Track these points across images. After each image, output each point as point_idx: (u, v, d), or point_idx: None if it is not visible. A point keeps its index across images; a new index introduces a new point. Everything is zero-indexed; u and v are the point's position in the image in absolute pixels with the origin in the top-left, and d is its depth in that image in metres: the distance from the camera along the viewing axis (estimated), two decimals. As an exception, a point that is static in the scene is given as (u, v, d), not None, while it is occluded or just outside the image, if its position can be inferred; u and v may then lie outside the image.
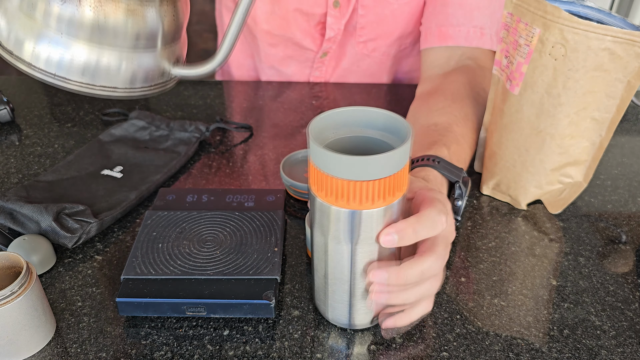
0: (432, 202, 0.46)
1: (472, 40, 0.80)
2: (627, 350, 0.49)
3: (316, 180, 0.43)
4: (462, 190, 0.58)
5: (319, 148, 0.41)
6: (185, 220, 0.59)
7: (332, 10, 0.86)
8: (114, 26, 0.41)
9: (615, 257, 0.60)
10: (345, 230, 0.44)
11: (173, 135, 0.78)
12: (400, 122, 0.44)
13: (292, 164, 0.69)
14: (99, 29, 0.41)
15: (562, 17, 0.54)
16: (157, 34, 0.44)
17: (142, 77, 0.45)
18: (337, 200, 0.43)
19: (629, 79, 0.56)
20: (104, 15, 0.41)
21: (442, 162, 0.59)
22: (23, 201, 0.60)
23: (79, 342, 0.49)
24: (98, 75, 0.42)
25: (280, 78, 0.98)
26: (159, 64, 0.45)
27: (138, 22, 0.42)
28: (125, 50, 0.43)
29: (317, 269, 0.49)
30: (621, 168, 0.75)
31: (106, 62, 0.42)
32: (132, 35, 0.42)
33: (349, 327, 0.51)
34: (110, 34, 0.42)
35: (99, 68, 0.42)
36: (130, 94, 0.45)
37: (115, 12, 0.41)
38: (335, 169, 0.41)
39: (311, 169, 0.44)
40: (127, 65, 0.43)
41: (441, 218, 0.45)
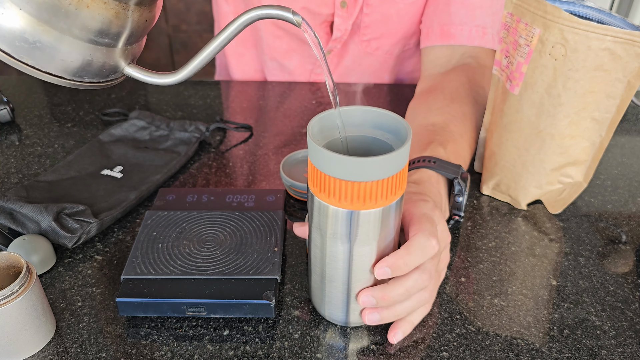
0: (419, 224, 0.47)
1: (474, 39, 0.80)
2: (627, 350, 0.49)
3: (315, 179, 0.43)
4: (461, 186, 0.58)
5: (318, 148, 0.41)
6: (185, 220, 0.59)
7: (340, 10, 0.86)
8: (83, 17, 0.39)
9: (615, 257, 0.60)
10: (343, 230, 0.44)
11: (173, 135, 0.77)
12: (399, 122, 0.44)
13: (292, 164, 0.69)
14: (65, 16, 0.38)
15: (562, 17, 0.54)
16: (124, 33, 0.42)
17: (93, 72, 0.42)
18: (336, 200, 0.43)
19: (629, 79, 0.56)
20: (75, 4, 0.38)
21: (438, 161, 0.59)
22: (23, 201, 0.60)
23: (79, 342, 0.49)
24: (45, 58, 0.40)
25: (282, 71, 0.98)
26: (116, 62, 0.43)
27: (110, 19, 0.40)
28: (85, 42, 0.40)
29: (314, 267, 0.49)
30: (621, 168, 0.75)
31: (60, 48, 0.40)
32: (97, 30, 0.40)
33: (346, 324, 0.51)
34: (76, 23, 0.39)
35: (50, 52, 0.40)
36: (75, 84, 0.42)
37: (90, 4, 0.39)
38: (335, 170, 0.41)
39: (310, 168, 0.44)
40: (81, 57, 0.41)
41: (431, 243, 0.46)
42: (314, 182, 0.44)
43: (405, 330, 0.49)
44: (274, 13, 0.41)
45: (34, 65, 0.40)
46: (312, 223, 0.47)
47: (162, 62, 2.25)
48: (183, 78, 0.44)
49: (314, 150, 0.42)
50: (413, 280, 0.46)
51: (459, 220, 0.61)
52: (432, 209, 0.49)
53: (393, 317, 0.48)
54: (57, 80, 0.41)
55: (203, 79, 0.98)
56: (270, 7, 0.41)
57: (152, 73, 0.45)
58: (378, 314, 0.47)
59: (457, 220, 0.61)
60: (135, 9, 0.41)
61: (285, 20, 0.41)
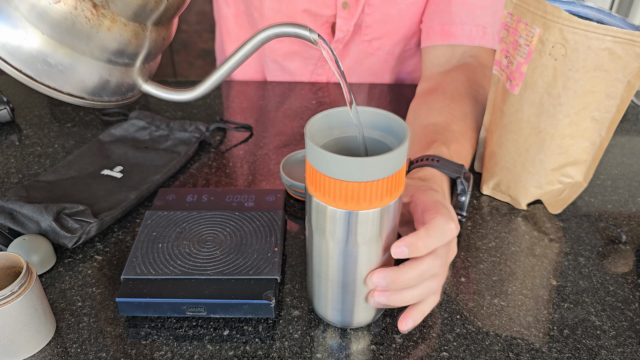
0: (436, 208, 0.47)
1: (474, 39, 0.80)
2: (627, 350, 0.49)
3: (313, 180, 0.43)
4: (464, 185, 0.58)
5: (315, 148, 0.41)
6: (185, 220, 0.59)
7: (342, 11, 0.86)
8: (103, 38, 0.40)
9: (615, 257, 0.60)
10: (341, 230, 0.44)
11: (173, 135, 0.77)
12: (397, 122, 0.44)
13: (292, 164, 0.69)
14: (87, 38, 0.39)
15: (562, 17, 0.54)
16: (141, 53, 0.43)
17: (112, 91, 0.43)
18: (334, 201, 0.43)
19: (629, 79, 0.56)
20: (97, 27, 0.39)
21: (442, 160, 0.59)
22: (23, 201, 0.60)
23: (79, 342, 0.49)
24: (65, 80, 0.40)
25: (283, 73, 0.98)
26: (134, 80, 0.44)
27: (129, 39, 0.41)
28: (104, 62, 0.41)
29: (314, 268, 0.49)
30: (621, 168, 0.75)
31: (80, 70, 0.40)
32: (117, 51, 0.41)
33: (345, 325, 0.51)
34: (97, 45, 0.40)
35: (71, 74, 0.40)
36: (94, 104, 0.43)
37: (110, 26, 0.39)
38: (332, 170, 0.41)
39: (308, 168, 0.44)
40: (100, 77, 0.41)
41: (450, 226, 0.45)
42: (312, 183, 0.44)
43: (417, 319, 0.48)
44: (290, 31, 0.41)
45: (55, 87, 0.40)
46: (310, 223, 0.47)
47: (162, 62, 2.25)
48: (200, 95, 0.45)
49: (312, 150, 0.42)
50: (426, 264, 0.45)
51: (461, 219, 0.61)
52: (443, 197, 0.49)
53: (400, 302, 0.47)
54: (77, 100, 0.42)
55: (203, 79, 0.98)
56: (287, 26, 0.41)
57: (169, 89, 0.45)
58: (385, 297, 0.46)
59: (460, 220, 0.61)
60: (154, 29, 0.42)
61: (302, 38, 0.41)
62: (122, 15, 0.39)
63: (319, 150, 0.41)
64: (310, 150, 0.42)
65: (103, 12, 0.38)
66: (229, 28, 0.99)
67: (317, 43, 0.41)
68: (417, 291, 0.47)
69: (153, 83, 0.46)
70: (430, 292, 0.48)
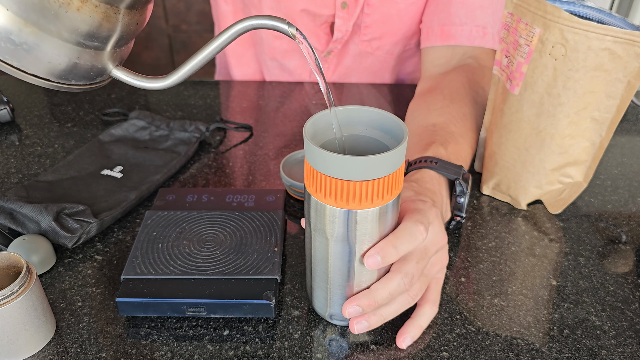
0: (410, 214, 0.47)
1: (474, 39, 0.80)
2: (627, 350, 0.49)
3: (312, 179, 0.43)
4: (462, 187, 0.58)
5: (314, 147, 0.41)
6: (185, 220, 0.59)
7: (340, 11, 0.86)
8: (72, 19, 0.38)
9: (615, 257, 0.60)
10: (340, 229, 0.44)
11: (173, 135, 0.77)
12: (396, 122, 0.44)
13: (292, 164, 0.69)
14: (54, 18, 0.37)
15: (562, 17, 0.54)
16: (113, 36, 0.41)
17: (80, 74, 0.41)
18: (333, 200, 0.43)
19: (629, 79, 0.56)
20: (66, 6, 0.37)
21: (440, 162, 0.59)
22: (23, 201, 0.60)
23: (79, 342, 0.49)
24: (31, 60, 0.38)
25: (282, 71, 0.98)
26: (104, 65, 0.42)
27: (100, 22, 0.39)
28: (73, 44, 0.39)
29: (313, 267, 0.49)
30: (621, 168, 0.75)
31: (47, 50, 0.38)
32: (87, 33, 0.39)
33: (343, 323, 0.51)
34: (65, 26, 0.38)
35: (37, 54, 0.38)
36: (60, 87, 0.41)
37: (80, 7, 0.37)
38: (330, 169, 0.41)
39: (307, 167, 0.44)
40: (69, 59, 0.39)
41: (418, 228, 0.46)
42: (311, 182, 0.44)
43: (415, 335, 0.49)
44: (268, 23, 0.40)
45: (19, 67, 0.38)
46: (309, 223, 0.47)
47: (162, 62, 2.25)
48: (172, 83, 0.43)
49: (310, 149, 0.42)
50: (396, 283, 0.46)
51: (460, 221, 0.61)
52: (430, 207, 0.49)
53: (380, 321, 0.48)
54: (43, 82, 0.40)
55: (203, 79, 0.98)
56: (265, 18, 0.40)
57: (140, 76, 0.44)
58: (366, 321, 0.47)
59: (459, 221, 0.61)
60: (126, 13, 0.40)
61: (280, 32, 0.40)
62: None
63: (318, 149, 0.41)
64: (308, 150, 0.42)
65: None
66: (227, 26, 0.99)
67: (295, 37, 0.41)
68: (393, 307, 0.48)
69: (124, 69, 0.44)
70: (404, 306, 0.48)
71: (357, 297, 0.47)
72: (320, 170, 0.42)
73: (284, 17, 0.95)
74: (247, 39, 0.99)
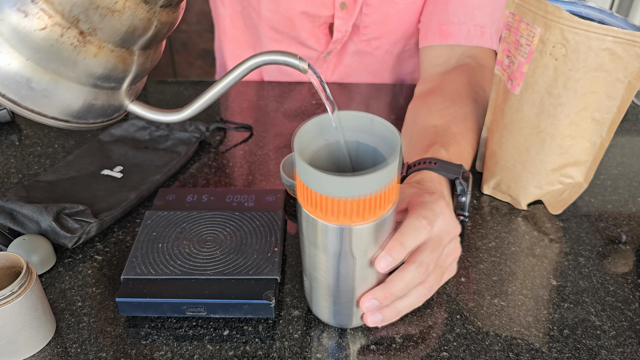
0: (414, 209, 0.47)
1: (472, 39, 0.80)
2: (627, 350, 0.49)
3: (303, 194, 0.42)
4: (463, 185, 0.58)
5: (303, 164, 0.40)
6: (185, 220, 0.59)
7: (340, 12, 0.86)
8: (90, 65, 0.38)
9: (615, 257, 0.60)
10: (334, 244, 0.43)
11: (173, 135, 0.77)
12: (390, 130, 0.43)
13: (292, 164, 0.69)
14: (72, 64, 0.38)
15: (563, 17, 0.54)
16: (128, 76, 0.42)
17: (97, 113, 0.42)
18: (325, 216, 0.42)
19: (630, 80, 0.56)
20: (83, 54, 0.38)
21: (439, 162, 0.59)
22: (23, 201, 0.60)
23: (79, 342, 0.49)
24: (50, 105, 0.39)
25: (281, 73, 0.98)
26: (120, 102, 0.43)
27: (116, 65, 0.40)
28: (90, 87, 0.40)
29: (309, 274, 0.48)
30: (621, 168, 0.75)
31: (65, 95, 0.39)
32: (104, 76, 0.40)
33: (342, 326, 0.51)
34: (83, 71, 0.39)
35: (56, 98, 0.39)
36: (79, 127, 0.42)
37: (97, 53, 0.38)
38: (321, 187, 0.40)
39: (298, 182, 0.43)
40: (86, 101, 0.41)
41: (421, 222, 0.46)
42: (303, 197, 0.43)
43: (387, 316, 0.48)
44: (280, 59, 0.41)
45: (40, 112, 0.39)
46: (302, 234, 0.46)
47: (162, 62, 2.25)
48: (186, 117, 0.44)
49: (301, 166, 0.41)
50: (411, 274, 0.46)
51: (464, 220, 0.61)
52: (436, 199, 0.49)
53: (395, 315, 0.48)
54: (62, 124, 0.41)
55: (203, 79, 0.98)
56: (276, 54, 0.41)
57: (155, 110, 0.45)
58: (380, 314, 0.47)
59: (462, 220, 0.61)
60: (141, 53, 0.41)
61: (292, 67, 0.41)
62: (109, 42, 0.38)
63: (308, 168, 0.40)
64: (298, 165, 0.41)
65: (90, 39, 0.38)
66: (225, 29, 0.99)
67: (307, 72, 0.41)
68: (408, 300, 0.48)
69: (139, 103, 0.45)
70: (420, 299, 0.48)
71: (373, 290, 0.47)
72: (311, 187, 0.41)
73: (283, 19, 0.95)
74: (246, 42, 0.99)
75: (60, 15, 0.36)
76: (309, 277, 0.49)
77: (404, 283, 0.46)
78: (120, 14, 0.37)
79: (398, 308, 0.48)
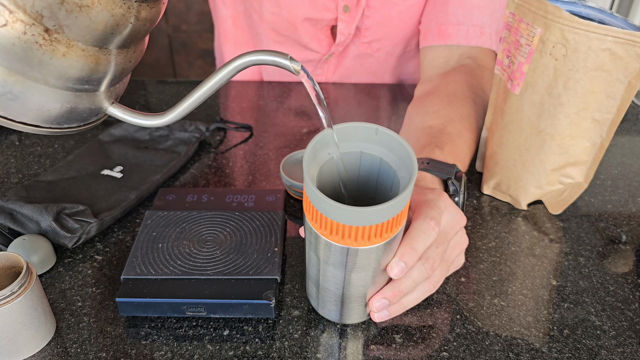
0: (419, 210, 0.48)
1: (471, 39, 0.80)
2: (627, 350, 0.49)
3: (311, 213, 0.42)
4: (455, 186, 0.58)
5: (314, 190, 0.39)
6: (185, 220, 0.59)
7: (343, 15, 0.86)
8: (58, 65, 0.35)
9: (615, 257, 0.60)
10: (338, 259, 0.43)
11: (173, 135, 0.77)
12: (395, 139, 0.43)
13: (292, 164, 0.69)
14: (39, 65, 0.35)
15: (563, 17, 0.54)
16: (106, 78, 0.38)
17: (73, 118, 0.39)
18: (331, 236, 0.42)
19: (630, 80, 0.56)
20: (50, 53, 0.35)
21: (432, 162, 0.59)
22: (23, 201, 0.60)
23: (79, 342, 0.49)
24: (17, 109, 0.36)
25: (282, 74, 0.98)
26: (98, 105, 0.40)
27: (90, 66, 0.36)
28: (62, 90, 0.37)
29: (311, 277, 0.48)
30: (621, 168, 0.75)
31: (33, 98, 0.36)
32: (76, 78, 0.37)
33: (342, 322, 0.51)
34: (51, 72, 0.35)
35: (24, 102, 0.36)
36: (52, 132, 0.39)
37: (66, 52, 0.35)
38: (332, 214, 0.40)
39: (305, 200, 0.43)
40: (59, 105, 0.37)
41: (429, 223, 0.46)
42: (311, 216, 0.42)
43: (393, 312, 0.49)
44: (269, 59, 0.38)
45: (6, 116, 0.36)
46: (308, 246, 0.46)
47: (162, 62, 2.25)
48: (170, 121, 0.41)
49: (309, 190, 0.40)
50: (418, 270, 0.47)
51: None
52: (439, 194, 0.50)
53: (401, 310, 0.49)
54: (32, 129, 0.38)
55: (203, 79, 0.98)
56: (265, 53, 0.38)
57: (137, 113, 0.42)
58: (387, 310, 0.48)
59: None
60: (119, 53, 0.38)
61: (282, 68, 0.39)
62: (78, 40, 0.35)
63: (319, 195, 0.39)
64: (307, 187, 0.41)
65: (57, 37, 0.34)
66: (226, 30, 0.99)
67: (299, 74, 0.39)
68: (414, 295, 0.49)
69: (120, 106, 0.42)
70: (425, 293, 0.49)
71: (382, 290, 0.47)
72: (319, 210, 0.41)
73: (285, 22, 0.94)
74: (246, 43, 0.99)
75: (22, 10, 0.33)
76: (315, 285, 0.48)
77: (412, 280, 0.47)
78: (89, 10, 0.34)
79: (404, 304, 0.48)
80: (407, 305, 0.49)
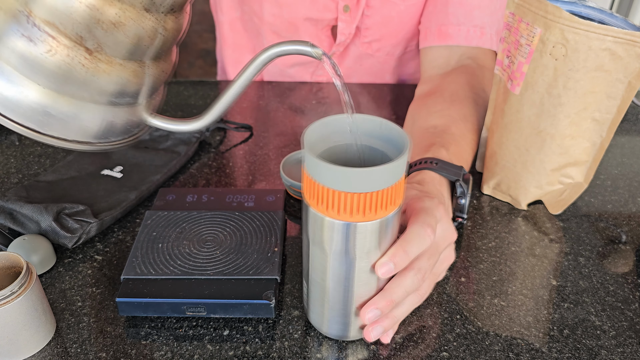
0: (417, 215, 0.47)
1: (472, 39, 0.80)
2: (627, 350, 0.49)
3: (310, 190, 0.42)
4: (463, 188, 0.58)
5: (312, 158, 0.40)
6: (185, 220, 0.59)
7: (343, 15, 0.86)
8: (101, 82, 0.38)
9: (615, 257, 0.60)
10: (339, 242, 0.43)
11: (173, 135, 0.77)
12: (397, 131, 0.43)
13: (292, 164, 0.69)
14: (85, 84, 0.38)
15: (563, 17, 0.54)
16: (143, 89, 0.41)
17: (118, 131, 0.42)
18: (332, 212, 0.42)
19: (630, 80, 0.56)
20: (93, 72, 0.37)
21: (440, 162, 0.58)
22: (23, 201, 0.60)
23: (79, 342, 0.49)
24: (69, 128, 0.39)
25: (282, 74, 0.98)
26: (139, 117, 0.43)
27: (128, 79, 0.39)
28: (105, 105, 0.40)
29: (311, 278, 0.48)
30: (621, 168, 0.75)
31: (83, 116, 0.39)
32: (117, 92, 0.39)
33: (340, 338, 0.50)
34: (95, 89, 0.38)
35: (75, 121, 0.39)
36: (103, 148, 0.42)
37: (107, 69, 0.38)
38: (329, 180, 0.40)
39: (305, 178, 0.43)
40: (104, 120, 0.40)
41: (426, 230, 0.45)
42: (309, 193, 0.43)
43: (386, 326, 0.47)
44: (291, 49, 0.40)
45: (60, 137, 0.39)
46: (307, 235, 0.46)
47: (162, 62, 2.25)
48: (207, 124, 0.44)
49: (309, 160, 0.41)
50: (410, 280, 0.46)
51: (462, 222, 0.61)
52: (436, 205, 0.49)
53: (393, 323, 0.47)
54: (85, 147, 0.41)
55: (203, 79, 0.98)
56: (288, 43, 0.40)
57: (176, 120, 0.45)
58: (380, 326, 0.46)
59: (461, 222, 0.61)
60: (152, 64, 0.41)
61: (305, 55, 0.40)
62: (117, 56, 0.38)
63: (316, 160, 0.40)
64: (307, 159, 0.41)
65: (98, 56, 0.37)
66: (224, 34, 1.00)
67: (322, 58, 0.40)
68: (404, 308, 0.47)
69: (159, 116, 0.45)
70: (413, 306, 0.48)
71: (373, 300, 0.46)
72: (319, 182, 0.41)
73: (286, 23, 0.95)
74: (247, 44, 0.99)
75: (64, 35, 0.36)
76: (307, 281, 0.48)
77: (404, 289, 0.46)
78: (123, 26, 0.37)
79: (396, 316, 0.47)
80: (399, 319, 0.47)
